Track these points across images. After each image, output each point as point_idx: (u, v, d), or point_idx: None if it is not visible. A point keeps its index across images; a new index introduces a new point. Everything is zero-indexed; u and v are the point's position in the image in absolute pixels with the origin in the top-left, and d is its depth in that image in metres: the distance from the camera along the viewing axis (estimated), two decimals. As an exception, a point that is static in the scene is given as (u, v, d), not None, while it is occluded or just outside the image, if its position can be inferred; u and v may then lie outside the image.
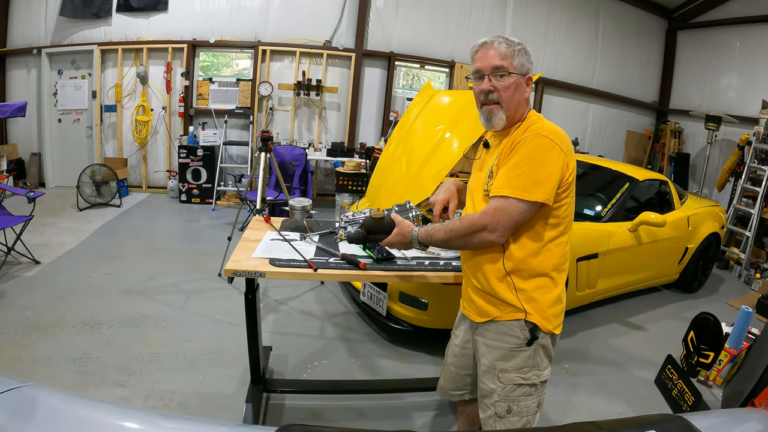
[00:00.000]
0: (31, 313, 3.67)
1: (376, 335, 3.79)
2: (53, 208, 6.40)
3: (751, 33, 8.14)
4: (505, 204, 1.62)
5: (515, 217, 1.62)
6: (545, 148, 1.62)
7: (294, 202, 2.66)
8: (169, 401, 2.84)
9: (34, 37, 7.38)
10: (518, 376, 1.77)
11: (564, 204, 1.70)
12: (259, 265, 2.12)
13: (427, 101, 4.17)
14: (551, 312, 1.75)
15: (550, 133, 1.63)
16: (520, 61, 1.72)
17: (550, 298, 1.74)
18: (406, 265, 2.25)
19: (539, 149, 1.62)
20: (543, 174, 1.60)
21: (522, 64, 1.73)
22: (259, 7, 7.54)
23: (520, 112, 1.76)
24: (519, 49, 1.73)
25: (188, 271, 4.72)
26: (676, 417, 1.27)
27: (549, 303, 1.74)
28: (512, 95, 1.72)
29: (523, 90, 1.74)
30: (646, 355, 3.87)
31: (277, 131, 7.75)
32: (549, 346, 1.80)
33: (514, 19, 8.37)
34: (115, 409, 1.20)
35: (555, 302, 1.76)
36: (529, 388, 1.78)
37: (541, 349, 1.77)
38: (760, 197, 6.42)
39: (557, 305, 1.77)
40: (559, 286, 1.77)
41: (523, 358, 1.76)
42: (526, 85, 1.75)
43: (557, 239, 1.73)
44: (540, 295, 1.73)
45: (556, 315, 1.77)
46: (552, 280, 1.74)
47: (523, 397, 1.78)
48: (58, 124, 7.68)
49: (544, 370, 1.80)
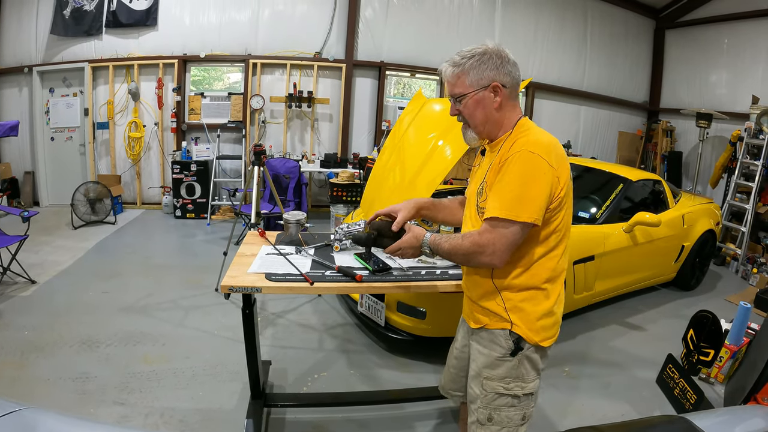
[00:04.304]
0: (28, 333, 3.66)
1: (375, 346, 3.79)
2: (48, 227, 6.38)
3: (739, 29, 8.19)
4: (498, 226, 1.59)
5: (510, 239, 1.58)
6: (532, 166, 1.57)
7: (289, 216, 2.66)
8: (170, 419, 2.82)
9: (25, 55, 7.39)
10: (501, 386, 1.76)
11: (557, 218, 1.66)
12: (256, 280, 2.11)
13: (419, 110, 4.18)
14: (540, 324, 1.72)
15: (538, 148, 1.58)
16: (474, 76, 1.67)
17: (539, 309, 1.71)
18: (403, 275, 2.25)
19: (526, 168, 1.57)
20: (531, 194, 1.56)
21: (479, 78, 1.67)
22: (248, 21, 7.56)
23: (498, 124, 1.73)
24: (470, 64, 1.67)
25: (185, 287, 4.71)
26: (679, 418, 1.28)
27: (538, 315, 1.71)
28: (473, 113, 1.72)
29: (487, 103, 1.69)
30: (647, 354, 3.88)
31: (269, 144, 7.76)
32: (536, 359, 1.76)
33: (503, 25, 8.41)
34: (115, 429, 1.20)
35: (545, 314, 1.72)
36: (511, 399, 1.76)
37: (527, 361, 1.74)
38: (753, 192, 6.44)
39: (548, 317, 1.73)
40: (552, 297, 1.73)
41: (507, 368, 1.75)
42: (493, 95, 1.68)
43: (549, 254, 1.69)
44: (529, 306, 1.71)
45: (546, 327, 1.74)
46: (543, 291, 1.71)
47: (504, 408, 1.77)
48: (51, 143, 7.67)
49: (529, 383, 1.76)
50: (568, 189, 1.65)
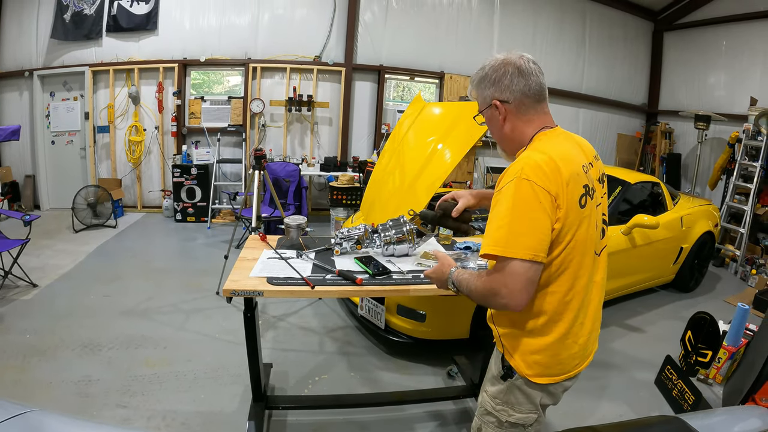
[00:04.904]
0: (30, 337, 3.68)
1: (375, 348, 3.81)
2: (49, 230, 6.41)
3: (736, 31, 8.22)
4: (506, 266, 1.39)
5: (523, 276, 1.38)
6: (523, 196, 1.40)
7: (289, 221, 2.68)
8: (172, 421, 2.84)
9: (25, 59, 7.43)
10: (489, 403, 1.69)
11: (557, 249, 1.47)
12: (257, 284, 2.14)
13: (418, 113, 4.21)
14: (534, 359, 1.57)
15: (531, 172, 1.41)
16: (481, 94, 1.62)
17: (535, 344, 1.56)
18: (402, 279, 2.27)
19: (517, 198, 1.40)
20: (522, 228, 1.39)
21: (483, 98, 1.62)
22: (248, 25, 7.60)
23: (511, 141, 1.63)
24: (477, 82, 1.63)
25: (186, 291, 4.73)
26: (674, 418, 1.29)
27: (533, 349, 1.57)
28: (491, 131, 1.68)
29: (495, 121, 1.62)
30: (646, 356, 3.90)
31: (269, 148, 7.79)
32: (530, 394, 1.62)
33: (501, 28, 8.44)
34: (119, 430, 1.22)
35: (541, 350, 1.56)
36: (497, 422, 1.67)
37: (518, 391, 1.62)
38: (752, 193, 6.46)
39: (544, 353, 1.57)
40: (551, 335, 1.55)
41: (498, 389, 1.67)
42: (498, 114, 1.59)
43: (546, 289, 1.52)
44: (524, 337, 1.58)
45: (542, 364, 1.57)
46: (539, 329, 1.55)
47: (490, 426, 1.70)
48: (52, 146, 7.71)
49: (518, 414, 1.64)
50: (572, 214, 1.46)
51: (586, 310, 1.60)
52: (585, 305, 1.58)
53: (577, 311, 1.56)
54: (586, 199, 1.49)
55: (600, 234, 1.61)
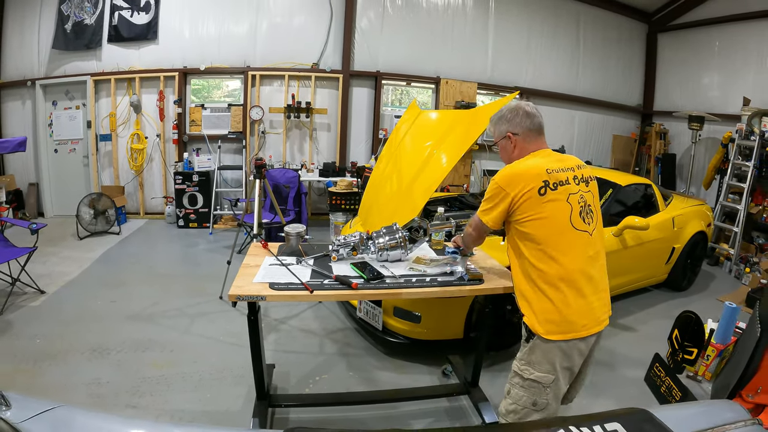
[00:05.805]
0: (40, 342, 3.78)
1: (373, 349, 3.92)
2: (54, 238, 6.51)
3: (729, 32, 8.33)
4: (475, 218, 2.26)
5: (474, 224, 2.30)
6: (493, 190, 2.12)
7: (289, 229, 2.81)
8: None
9: (27, 68, 7.55)
10: (516, 365, 2.12)
11: (527, 227, 2.05)
12: (260, 289, 2.27)
13: (414, 120, 4.31)
14: (544, 317, 2.02)
15: (501, 178, 2.10)
16: (497, 129, 2.28)
17: (542, 307, 2.03)
18: (395, 283, 2.40)
19: (490, 190, 2.13)
20: (489, 206, 2.14)
21: (499, 132, 2.26)
22: (247, 33, 7.72)
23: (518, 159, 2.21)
24: (495, 121, 2.29)
25: (190, 295, 4.83)
26: (640, 410, 1.37)
27: (542, 310, 2.02)
28: (501, 155, 2.32)
29: (507, 148, 2.26)
30: (636, 354, 3.99)
31: (269, 154, 7.91)
32: (549, 351, 2.02)
33: (496, 32, 8.56)
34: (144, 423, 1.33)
35: (549, 311, 2.01)
36: (521, 380, 2.08)
37: (537, 350, 2.03)
38: (745, 193, 6.56)
39: (553, 313, 2.01)
40: (552, 299, 2.01)
41: (523, 351, 2.10)
42: (510, 142, 2.22)
43: (537, 255, 2.04)
44: (534, 301, 2.05)
45: (552, 322, 2.01)
46: (541, 292, 2.02)
47: (516, 385, 2.10)
48: (55, 154, 7.83)
49: (536, 372, 2.03)
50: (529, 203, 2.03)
51: (585, 278, 2.03)
52: (581, 275, 2.02)
53: (571, 279, 2.00)
54: (546, 189, 2.02)
55: (582, 218, 2.07)
